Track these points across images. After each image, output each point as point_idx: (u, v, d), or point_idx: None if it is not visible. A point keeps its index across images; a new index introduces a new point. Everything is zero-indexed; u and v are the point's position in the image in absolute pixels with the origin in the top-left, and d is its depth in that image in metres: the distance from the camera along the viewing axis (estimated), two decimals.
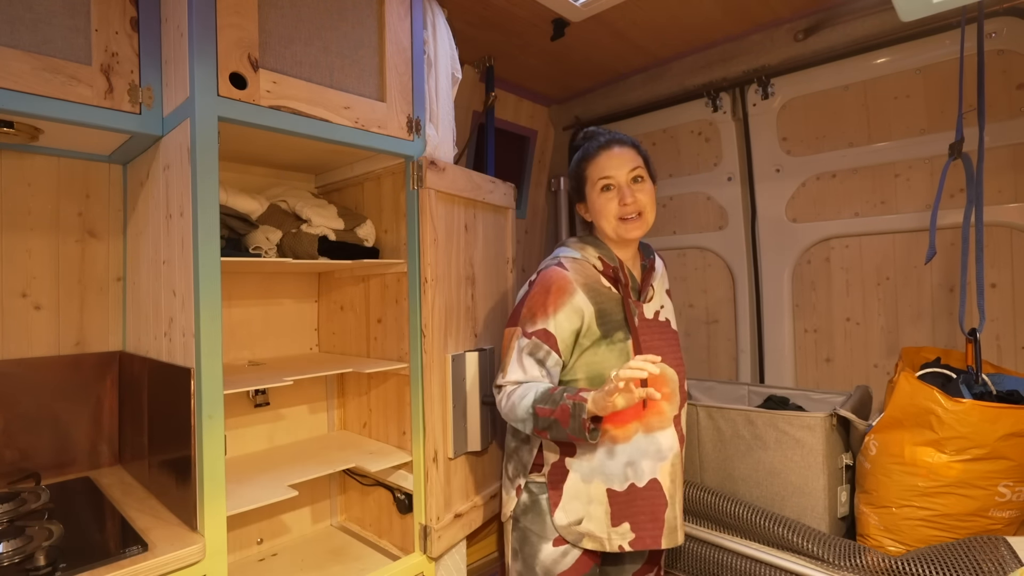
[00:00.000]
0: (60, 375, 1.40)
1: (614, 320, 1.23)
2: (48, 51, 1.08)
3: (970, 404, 1.21)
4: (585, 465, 1.23)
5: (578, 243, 1.31)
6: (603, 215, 1.26)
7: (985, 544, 1.16)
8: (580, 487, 1.23)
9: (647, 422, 1.22)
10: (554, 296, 1.20)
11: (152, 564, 0.98)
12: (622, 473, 1.21)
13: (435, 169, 1.47)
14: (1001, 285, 1.70)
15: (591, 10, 1.79)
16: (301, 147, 1.46)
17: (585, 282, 1.22)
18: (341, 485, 1.84)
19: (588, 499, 1.22)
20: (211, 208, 1.09)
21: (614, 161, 1.26)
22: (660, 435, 1.24)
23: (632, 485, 1.21)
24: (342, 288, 1.81)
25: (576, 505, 1.23)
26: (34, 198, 1.38)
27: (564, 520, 1.23)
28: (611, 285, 1.26)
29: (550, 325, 1.19)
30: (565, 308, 1.19)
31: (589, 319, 1.20)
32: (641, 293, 1.30)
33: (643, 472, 1.22)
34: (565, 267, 1.24)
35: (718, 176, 2.30)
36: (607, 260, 1.27)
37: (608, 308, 1.23)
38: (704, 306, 2.40)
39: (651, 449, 1.22)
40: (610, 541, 1.22)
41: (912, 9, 1.12)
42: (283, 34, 1.23)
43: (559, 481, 1.24)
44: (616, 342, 1.22)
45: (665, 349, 1.27)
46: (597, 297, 1.22)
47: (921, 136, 1.81)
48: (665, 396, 1.25)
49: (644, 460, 1.22)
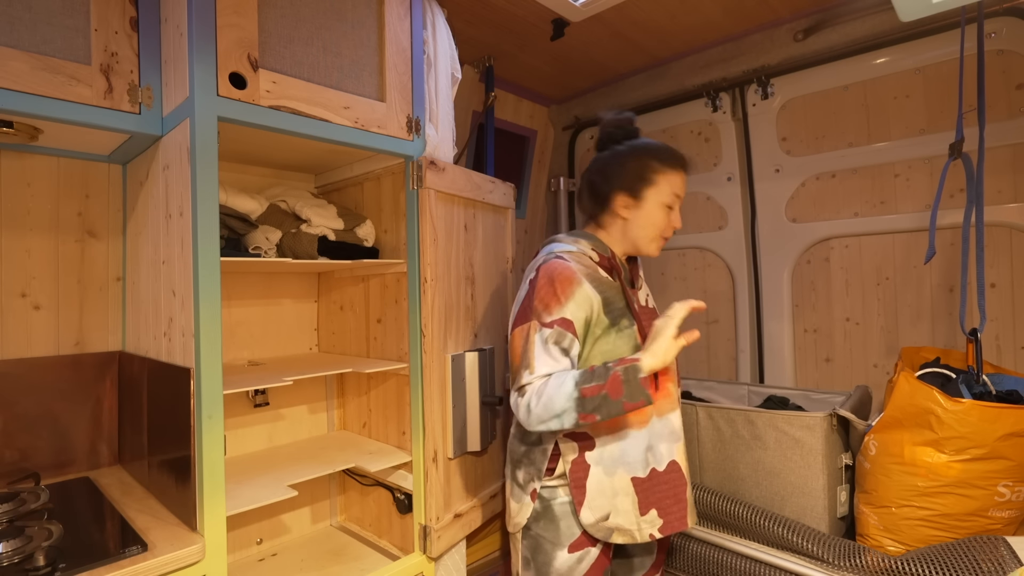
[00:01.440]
0: (60, 375, 1.39)
1: (618, 308, 1.23)
2: (47, 51, 1.08)
3: (970, 404, 1.21)
4: (607, 457, 1.21)
5: (569, 237, 1.31)
6: (652, 226, 1.28)
7: (985, 544, 1.16)
8: (604, 481, 1.21)
9: (659, 405, 1.23)
10: (563, 286, 1.18)
11: (152, 564, 0.98)
12: (643, 459, 1.21)
13: (435, 169, 1.47)
14: (1000, 285, 1.70)
15: (591, 10, 1.79)
16: (301, 147, 1.46)
17: (587, 272, 1.22)
18: (341, 485, 1.84)
19: (613, 492, 1.20)
20: (211, 208, 1.09)
21: (684, 184, 1.30)
22: (672, 416, 1.26)
23: (653, 470, 1.22)
24: (342, 288, 1.81)
25: (602, 501, 1.21)
26: (33, 198, 1.38)
27: (591, 518, 1.20)
28: (608, 274, 1.27)
29: (567, 313, 1.16)
30: (576, 297, 1.17)
31: (598, 308, 1.20)
32: (633, 281, 1.34)
33: (662, 455, 1.23)
34: (565, 259, 1.22)
35: (718, 176, 2.30)
36: (601, 251, 1.28)
37: (611, 297, 1.23)
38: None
39: (666, 431, 1.24)
40: (640, 531, 1.20)
41: (912, 9, 1.12)
42: (283, 34, 1.23)
43: (582, 479, 1.21)
44: (623, 329, 1.22)
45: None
46: (601, 286, 1.22)
47: (921, 136, 1.81)
48: (671, 377, 1.27)
49: (661, 443, 1.23)
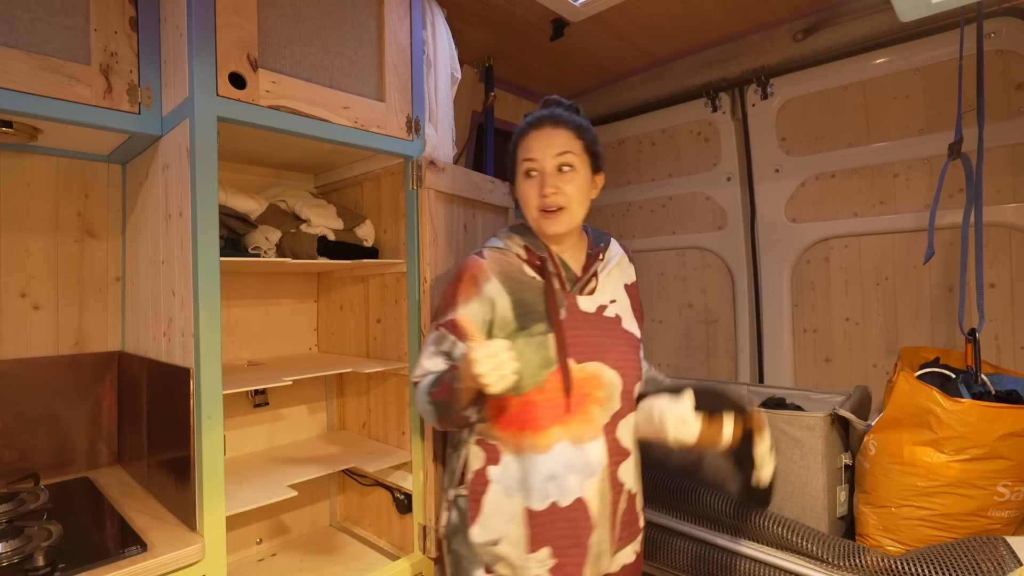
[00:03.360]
0: (59, 375, 1.39)
1: (535, 311, 1.09)
2: (47, 51, 1.08)
3: (969, 404, 1.21)
4: (509, 477, 1.08)
5: (506, 232, 1.21)
6: (524, 203, 1.13)
7: (984, 544, 1.16)
8: (502, 502, 1.08)
9: (573, 430, 1.06)
10: (465, 285, 1.11)
11: (151, 564, 0.98)
12: (542, 489, 1.05)
13: (434, 169, 1.47)
14: (1000, 285, 1.70)
15: (590, 10, 1.79)
16: (300, 147, 1.46)
17: (503, 270, 1.12)
18: (340, 485, 1.83)
19: (509, 517, 1.07)
20: (210, 208, 1.09)
21: (541, 143, 1.10)
22: (591, 446, 1.07)
23: (554, 504, 1.05)
24: (341, 288, 1.81)
25: (495, 523, 1.08)
26: (33, 198, 1.38)
27: (480, 538, 1.09)
28: (536, 274, 1.14)
29: (459, 314, 1.10)
30: (476, 298, 1.09)
31: (503, 309, 1.09)
32: (580, 284, 1.16)
33: (568, 489, 1.05)
34: (483, 256, 1.14)
35: (717, 176, 2.30)
36: (533, 249, 1.15)
37: (529, 299, 1.10)
38: (703, 306, 2.40)
39: (579, 462, 1.05)
40: (526, 569, 1.06)
41: (911, 9, 1.12)
42: (282, 34, 1.23)
43: (480, 493, 1.10)
44: (535, 335, 1.07)
45: (607, 347, 1.12)
46: (516, 286, 1.11)
47: (920, 136, 1.81)
48: (597, 400, 1.08)
49: (571, 475, 1.05)
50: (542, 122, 1.13)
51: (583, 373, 1.08)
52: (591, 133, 1.15)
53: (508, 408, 1.07)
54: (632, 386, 1.14)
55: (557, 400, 1.05)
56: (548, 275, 1.12)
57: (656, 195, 2.49)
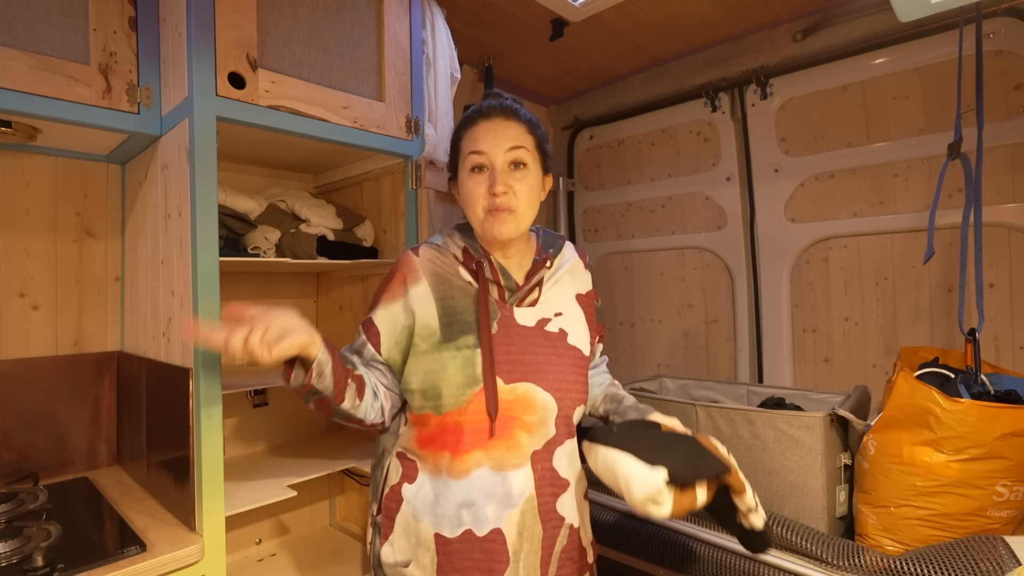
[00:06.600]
0: (58, 375, 1.39)
1: (464, 322, 0.99)
2: (46, 50, 1.08)
3: (968, 404, 1.21)
4: (421, 499, 0.98)
5: (449, 229, 1.11)
6: (468, 202, 1.01)
7: (983, 544, 1.16)
8: (411, 525, 0.99)
9: (496, 456, 0.96)
10: (393, 283, 1.04)
11: (150, 564, 0.98)
12: (455, 516, 0.95)
13: (434, 169, 1.47)
14: (999, 285, 1.70)
15: (590, 10, 1.79)
16: (300, 147, 1.46)
17: (436, 271, 1.03)
18: (340, 485, 1.83)
19: (417, 541, 0.98)
20: (210, 208, 1.09)
21: (492, 135, 0.98)
22: (515, 475, 0.96)
23: (468, 532, 0.95)
24: (341, 288, 1.81)
25: (405, 544, 0.99)
26: (32, 198, 1.38)
27: (391, 558, 1.00)
28: (472, 279, 1.03)
29: (377, 315, 1.03)
30: (399, 299, 1.01)
31: (427, 316, 0.99)
32: (520, 294, 1.03)
33: (484, 519, 0.95)
34: (418, 253, 1.06)
35: (717, 176, 2.30)
36: (472, 252, 1.04)
37: (460, 307, 1.00)
38: (703, 306, 2.40)
39: (499, 491, 0.95)
40: None
41: (910, 9, 1.12)
42: (282, 34, 1.23)
43: (393, 510, 1.01)
44: (462, 348, 0.96)
45: (543, 366, 0.99)
46: (447, 291, 1.01)
47: (919, 136, 1.81)
48: (526, 425, 0.97)
49: (489, 504, 0.95)
50: (492, 111, 1.01)
51: (512, 395, 0.96)
52: (542, 130, 1.06)
53: (427, 426, 0.99)
54: (571, 411, 1.02)
55: (480, 423, 0.95)
56: (484, 281, 1.01)
57: (656, 195, 2.49)
